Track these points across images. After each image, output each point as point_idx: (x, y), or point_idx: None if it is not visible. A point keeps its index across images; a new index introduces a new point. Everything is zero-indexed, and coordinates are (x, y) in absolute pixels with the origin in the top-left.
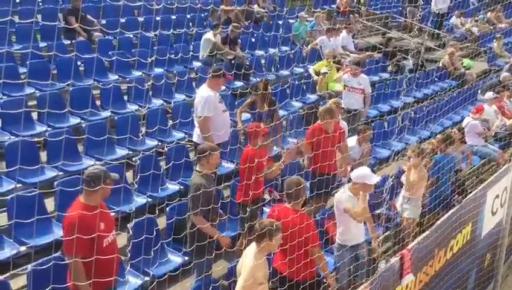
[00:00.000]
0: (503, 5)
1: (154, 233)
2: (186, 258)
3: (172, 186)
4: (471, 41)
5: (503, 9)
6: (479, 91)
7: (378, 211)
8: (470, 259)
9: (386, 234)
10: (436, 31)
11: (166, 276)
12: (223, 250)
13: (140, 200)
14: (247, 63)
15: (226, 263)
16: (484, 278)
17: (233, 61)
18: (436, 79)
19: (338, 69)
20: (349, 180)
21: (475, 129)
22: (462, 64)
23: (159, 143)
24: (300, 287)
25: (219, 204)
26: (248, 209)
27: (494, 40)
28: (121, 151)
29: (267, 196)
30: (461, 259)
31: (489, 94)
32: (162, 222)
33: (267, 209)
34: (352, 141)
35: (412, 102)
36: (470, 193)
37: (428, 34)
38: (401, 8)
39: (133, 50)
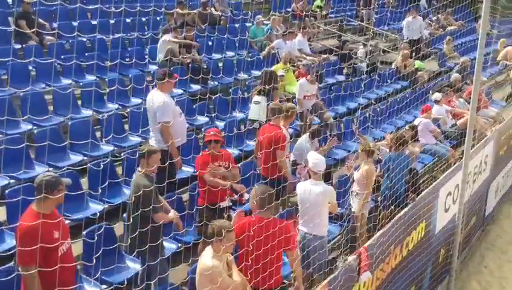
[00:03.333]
0: (453, 8)
1: (111, 240)
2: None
3: (129, 192)
4: (423, 43)
5: (452, 12)
6: (430, 92)
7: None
8: (425, 255)
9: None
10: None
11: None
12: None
13: (96, 206)
14: (205, 66)
15: (187, 267)
16: (439, 274)
17: (190, 65)
18: (388, 80)
19: (294, 72)
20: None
21: (428, 127)
22: (413, 65)
23: (115, 148)
24: None
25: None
26: (205, 213)
27: (445, 42)
28: (75, 157)
29: (226, 203)
30: (417, 255)
31: (438, 94)
32: (119, 229)
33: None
34: (303, 139)
35: (366, 103)
36: (423, 190)
37: (382, 35)
38: (355, 12)
39: (86, 54)
